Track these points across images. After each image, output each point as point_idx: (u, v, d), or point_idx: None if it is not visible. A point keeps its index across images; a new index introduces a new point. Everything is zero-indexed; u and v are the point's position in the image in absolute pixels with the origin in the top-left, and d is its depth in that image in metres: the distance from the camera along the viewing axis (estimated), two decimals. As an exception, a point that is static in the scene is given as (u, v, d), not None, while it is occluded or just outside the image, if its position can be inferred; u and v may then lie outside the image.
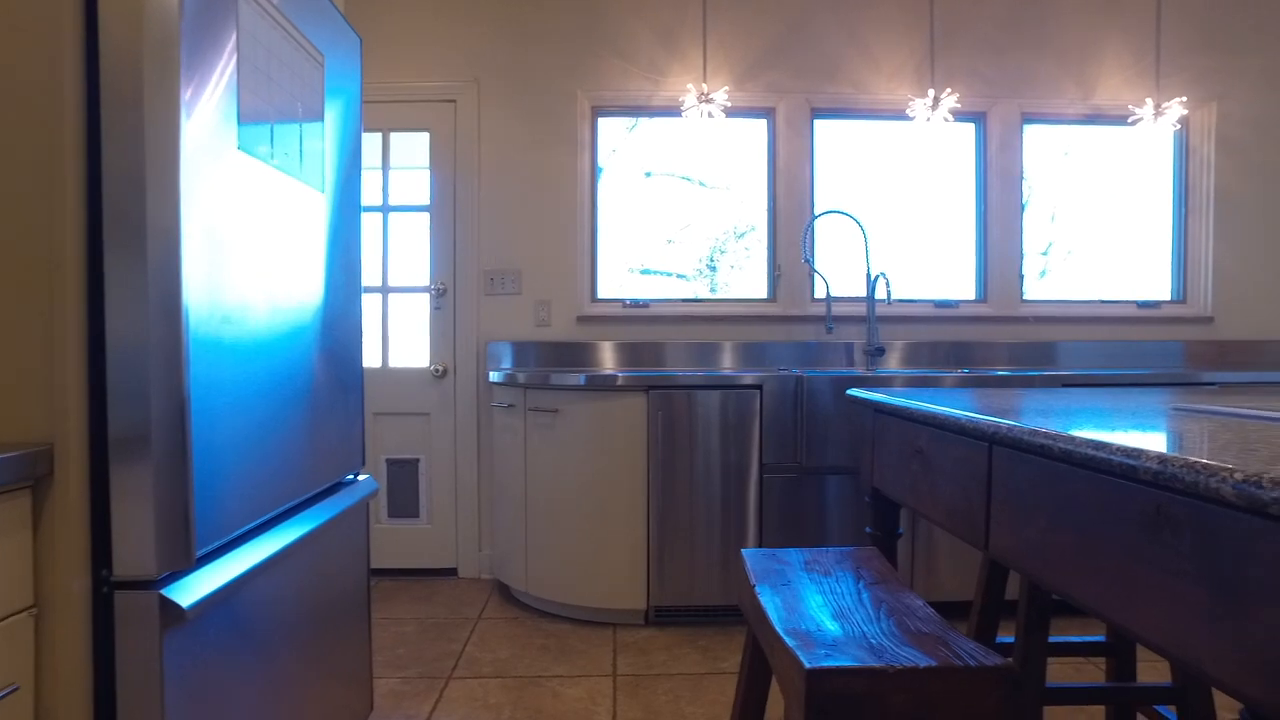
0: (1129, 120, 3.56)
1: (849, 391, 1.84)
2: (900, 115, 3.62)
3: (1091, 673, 2.54)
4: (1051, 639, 1.95)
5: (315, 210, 1.62)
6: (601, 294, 3.65)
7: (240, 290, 1.27)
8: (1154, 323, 3.70)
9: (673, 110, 3.56)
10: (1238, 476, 0.70)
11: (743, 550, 1.54)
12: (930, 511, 1.43)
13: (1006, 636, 1.93)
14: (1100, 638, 1.99)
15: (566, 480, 2.94)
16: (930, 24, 3.60)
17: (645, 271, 3.65)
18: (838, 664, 1.00)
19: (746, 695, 1.44)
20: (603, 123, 3.64)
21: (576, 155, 3.55)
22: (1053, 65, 3.66)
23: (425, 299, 3.56)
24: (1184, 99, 3.51)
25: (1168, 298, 3.79)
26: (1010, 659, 2.05)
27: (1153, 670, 2.49)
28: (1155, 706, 1.84)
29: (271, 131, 1.37)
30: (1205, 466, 0.74)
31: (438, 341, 3.54)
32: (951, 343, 3.60)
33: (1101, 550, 0.94)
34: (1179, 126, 3.75)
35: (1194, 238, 3.76)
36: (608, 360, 3.54)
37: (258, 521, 1.34)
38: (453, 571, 3.56)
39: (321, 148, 1.64)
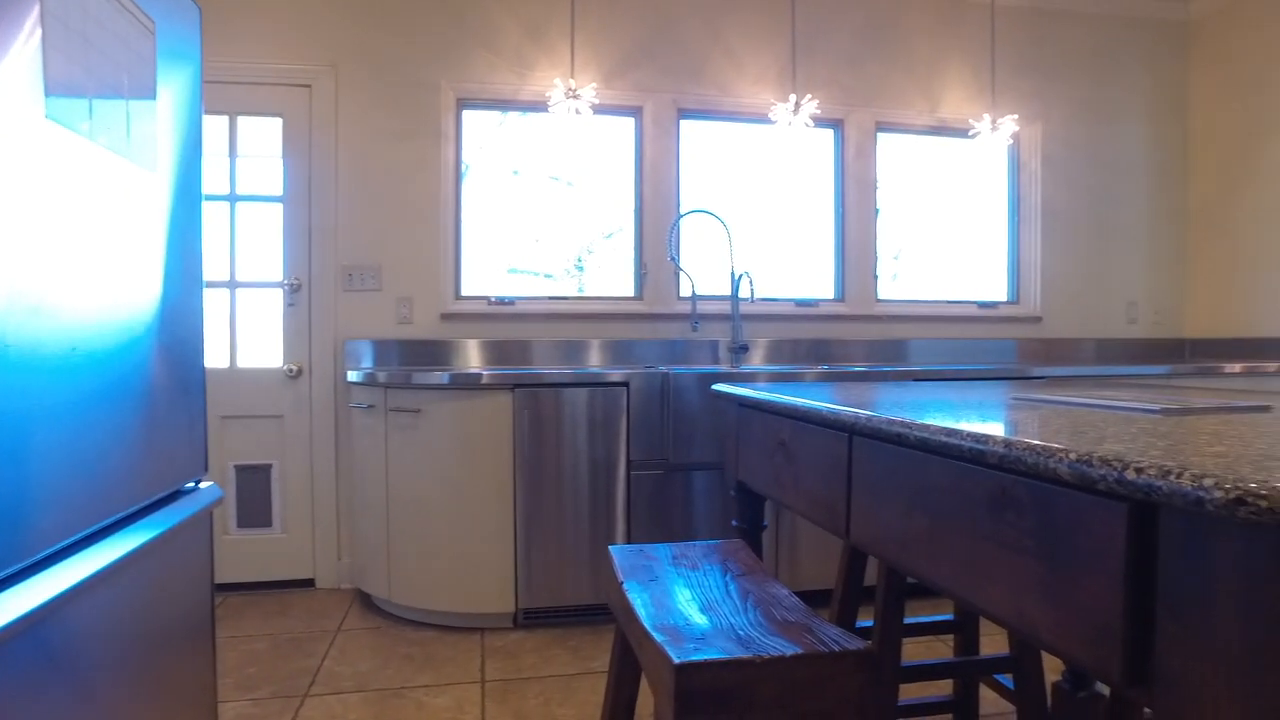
0: (970, 133, 3.81)
1: (714, 386, 1.86)
2: (763, 119, 3.73)
3: (941, 649, 2.70)
4: (906, 620, 2.06)
5: (148, 194, 1.47)
6: (466, 291, 3.55)
7: (51, 278, 1.14)
8: (992, 321, 3.98)
9: (540, 105, 3.52)
10: (1072, 457, 0.75)
11: (611, 547, 1.52)
12: (794, 502, 1.47)
13: (866, 620, 2.01)
14: (949, 616, 2.11)
15: (430, 482, 2.84)
16: (792, 32, 3.72)
17: (513, 270, 3.59)
18: (706, 657, 1.00)
19: (616, 694, 1.43)
20: (469, 116, 3.55)
21: (441, 148, 3.45)
22: (904, 78, 3.87)
23: (278, 295, 3.35)
24: (1015, 116, 3.80)
25: (1004, 299, 4.09)
26: (870, 642, 2.13)
27: (992, 643, 2.67)
28: (995, 675, 1.97)
29: (91, 104, 1.23)
30: (1044, 449, 0.79)
31: (292, 340, 3.34)
32: (812, 340, 3.74)
33: (953, 532, 0.99)
34: (1012, 142, 4.06)
35: (1025, 244, 4.08)
36: (473, 359, 3.45)
37: (72, 539, 1.20)
38: (309, 583, 3.37)
39: (153, 126, 1.49)
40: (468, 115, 3.55)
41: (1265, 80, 3.84)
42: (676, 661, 0.99)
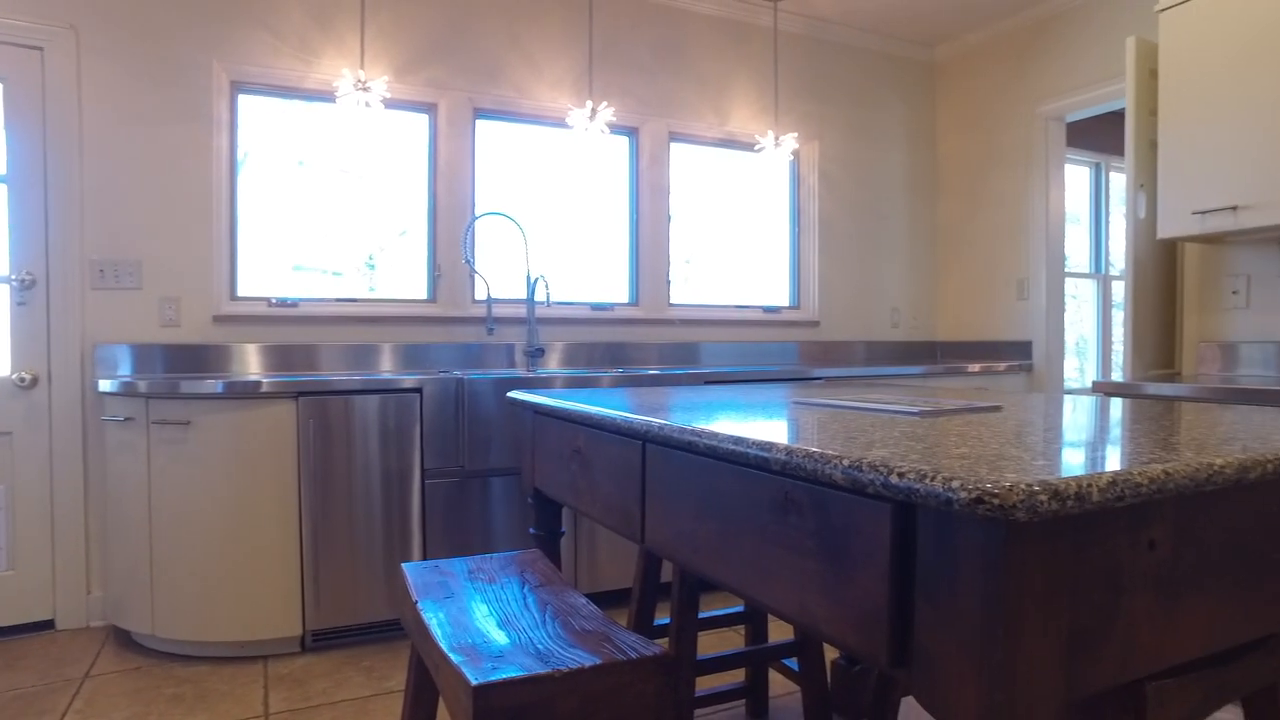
0: (755, 148, 4.05)
1: (509, 394, 1.84)
2: (560, 123, 3.74)
3: (734, 639, 2.84)
4: (701, 615, 2.14)
5: None
6: (244, 291, 3.27)
7: None
8: (776, 325, 4.26)
9: (326, 95, 3.31)
10: (845, 463, 0.81)
11: (404, 565, 1.46)
12: (590, 509, 1.48)
13: (665, 617, 2.07)
14: (740, 608, 2.22)
15: (203, 501, 2.58)
16: (589, 41, 3.77)
17: (299, 268, 3.35)
18: (505, 676, 0.98)
19: (413, 717, 1.37)
20: (246, 101, 3.26)
21: (213, 134, 3.14)
22: (695, 92, 4.04)
23: (3, 291, 2.90)
24: (796, 135, 4.09)
25: (786, 304, 4.39)
26: (666, 643, 2.20)
27: (780, 629, 2.85)
28: (783, 660, 2.11)
29: None
30: (821, 455, 0.85)
31: (24, 344, 2.91)
32: (608, 343, 3.81)
33: (742, 535, 1.04)
34: (793, 158, 4.37)
35: (804, 253, 4.40)
36: (252, 365, 3.18)
37: None
38: (48, 624, 2.95)
39: None
40: (245, 100, 3.26)
41: (994, 118, 4.40)
42: (474, 683, 0.96)
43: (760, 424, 1.15)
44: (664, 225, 3.98)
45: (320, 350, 3.28)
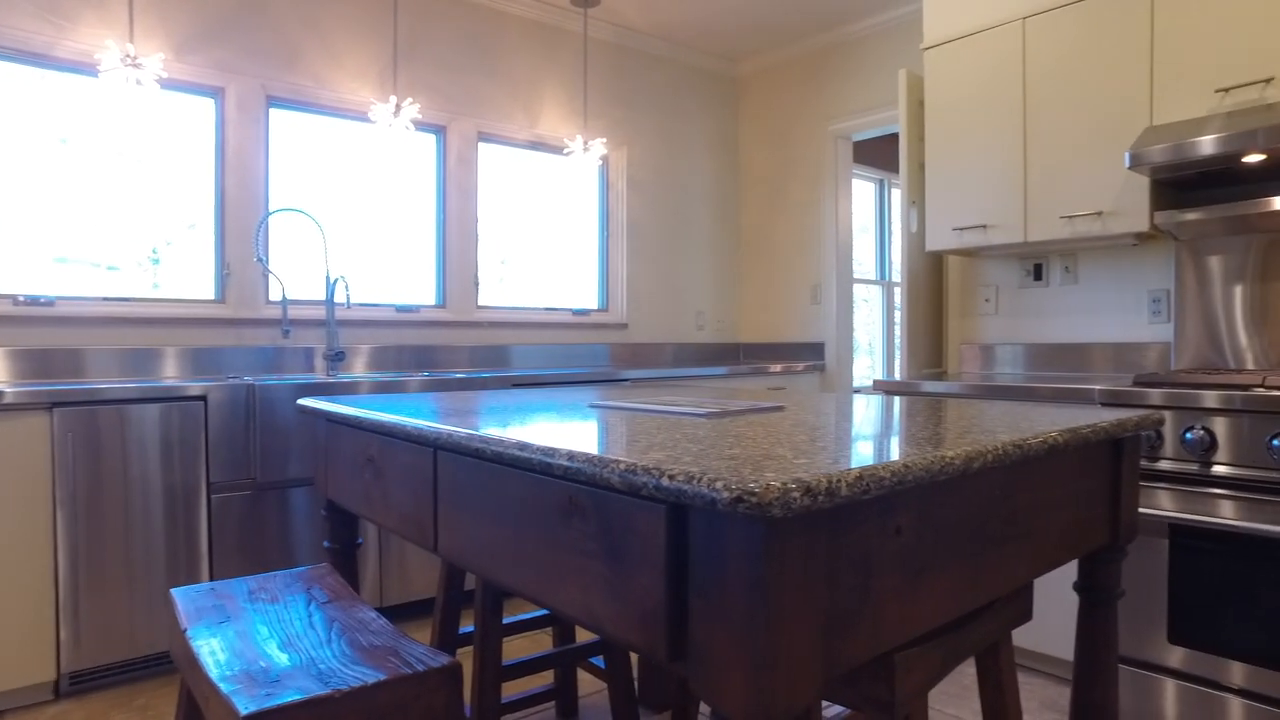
0: (565, 151, 4.08)
1: (299, 401, 1.74)
2: (363, 117, 3.58)
3: (545, 641, 2.84)
4: (509, 620, 2.13)
5: None
6: (-16, 288, 2.86)
7: None
8: (586, 328, 4.31)
9: (88, 68, 2.97)
10: (621, 466, 0.83)
11: (173, 590, 1.34)
12: (384, 519, 1.43)
13: (472, 625, 2.03)
14: (547, 611, 2.22)
15: (-74, 532, 2.23)
16: (394, 32, 3.63)
17: (61, 260, 2.97)
18: (279, 702, 0.92)
19: (181, 756, 1.26)
20: (-19, 70, 2.86)
21: (-62, 106, 2.72)
22: (505, 92, 4.00)
23: None
24: (605, 140, 4.16)
25: (596, 307, 4.45)
26: (457, 655, 2.16)
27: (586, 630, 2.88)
28: (591, 659, 2.13)
29: None
30: (600, 460, 0.87)
31: None
32: (415, 346, 3.69)
33: (532, 540, 1.04)
34: (602, 163, 4.43)
35: (613, 257, 4.48)
36: (-5, 372, 2.80)
37: None
38: None
39: None
40: (-20, 70, 2.85)
41: (790, 133, 4.71)
42: (244, 713, 0.90)
43: (552, 428, 1.16)
44: (472, 226, 3.92)
45: (87, 355, 2.93)
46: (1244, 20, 2.33)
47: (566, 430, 1.13)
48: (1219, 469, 2.04)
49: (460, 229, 3.87)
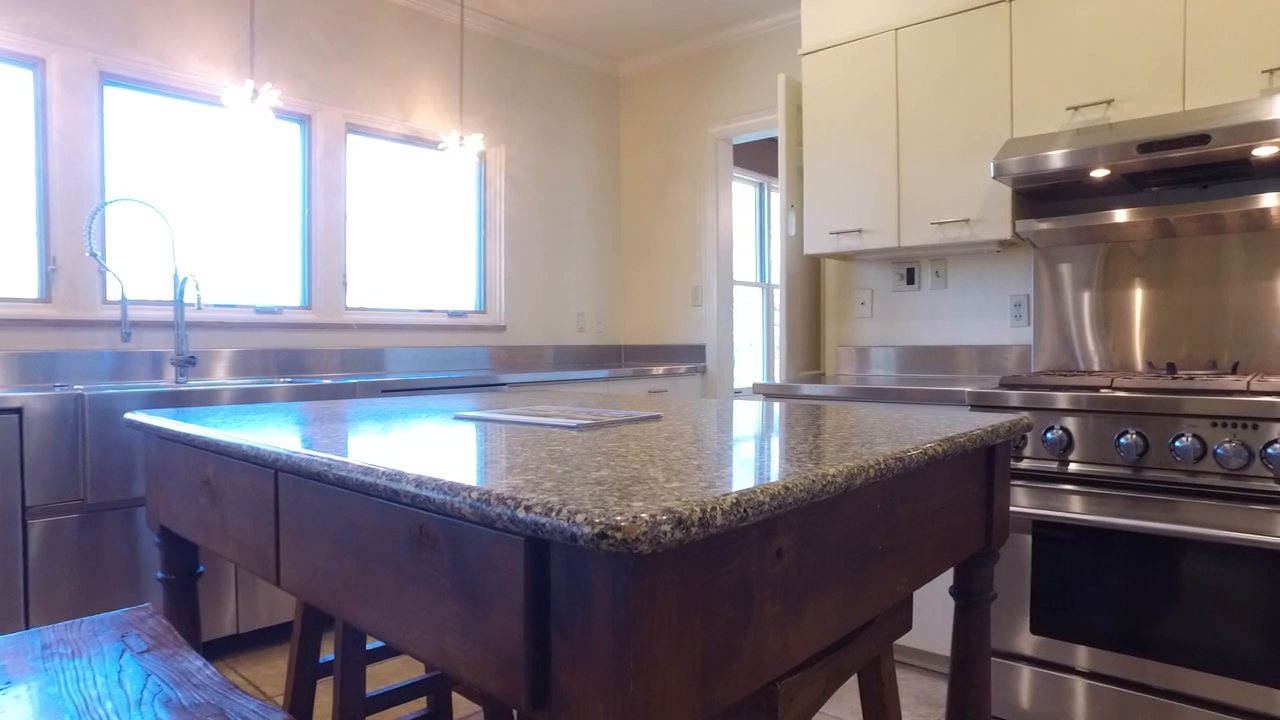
0: (440, 147, 3.90)
1: (126, 416, 1.54)
2: (216, 101, 3.30)
3: (419, 665, 2.68)
4: (373, 646, 1.97)
5: None
6: None
7: None
8: (462, 330, 4.14)
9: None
10: (474, 495, 0.74)
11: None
12: (223, 548, 1.27)
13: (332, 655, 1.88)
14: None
15: None
16: (251, 12, 3.37)
17: None
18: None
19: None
20: None
21: None
22: (376, 83, 3.79)
23: None
24: (482, 136, 4.01)
25: (473, 308, 4.30)
26: (318, 686, 1.99)
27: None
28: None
29: None
30: (450, 486, 0.77)
31: None
32: (280, 350, 3.44)
33: (379, 573, 0.93)
34: (479, 160, 4.28)
35: (491, 257, 4.34)
36: None
37: None
38: None
39: None
40: None
41: (672, 135, 4.69)
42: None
43: (408, 445, 1.04)
44: (341, 223, 3.69)
45: None
46: (1088, 45, 2.45)
47: (423, 448, 1.03)
48: (1075, 466, 2.13)
49: (328, 226, 3.64)
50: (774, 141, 5.23)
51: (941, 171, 2.75)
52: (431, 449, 1.02)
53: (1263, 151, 2.11)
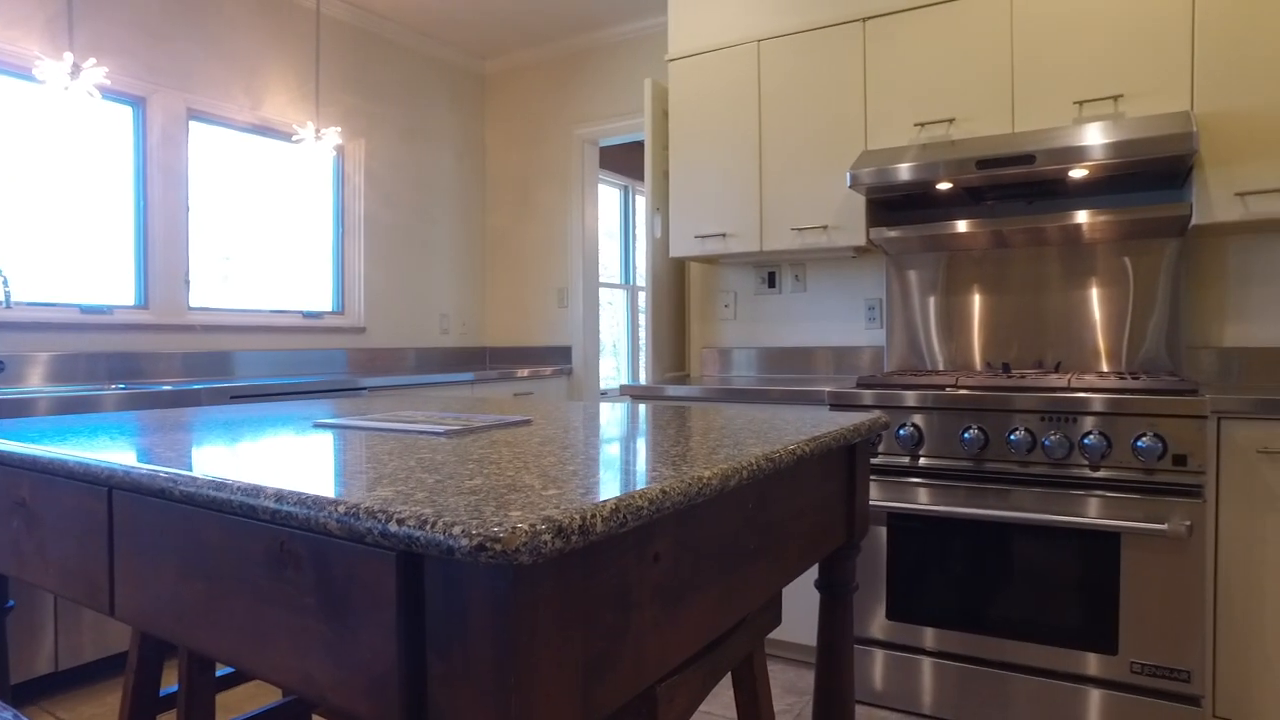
0: (294, 139, 3.69)
1: (-76, 430, 1.36)
2: (28, 74, 2.98)
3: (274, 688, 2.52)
4: (225, 671, 1.84)
5: None
6: None
7: None
8: (318, 332, 3.94)
9: None
10: (341, 510, 0.70)
11: None
12: (42, 578, 1.14)
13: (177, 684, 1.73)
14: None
15: None
16: (70, -19, 3.06)
17: None
18: None
19: None
20: None
21: None
22: (222, 67, 3.54)
23: None
24: (340, 130, 3.83)
25: (329, 309, 4.09)
26: None
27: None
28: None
29: None
30: (315, 500, 0.72)
31: None
32: (112, 354, 3.15)
33: (233, 596, 0.86)
34: (337, 154, 4.09)
35: (350, 256, 4.15)
36: None
37: None
38: None
39: None
40: None
41: (539, 135, 4.65)
42: None
43: (265, 457, 0.97)
44: (182, 216, 3.42)
45: None
46: (932, 67, 2.62)
47: (281, 459, 0.96)
48: (925, 461, 2.27)
49: (168, 219, 3.36)
50: (639, 144, 5.29)
51: (802, 179, 2.86)
52: (291, 460, 0.96)
53: (1077, 173, 2.33)
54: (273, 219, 3.83)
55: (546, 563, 0.67)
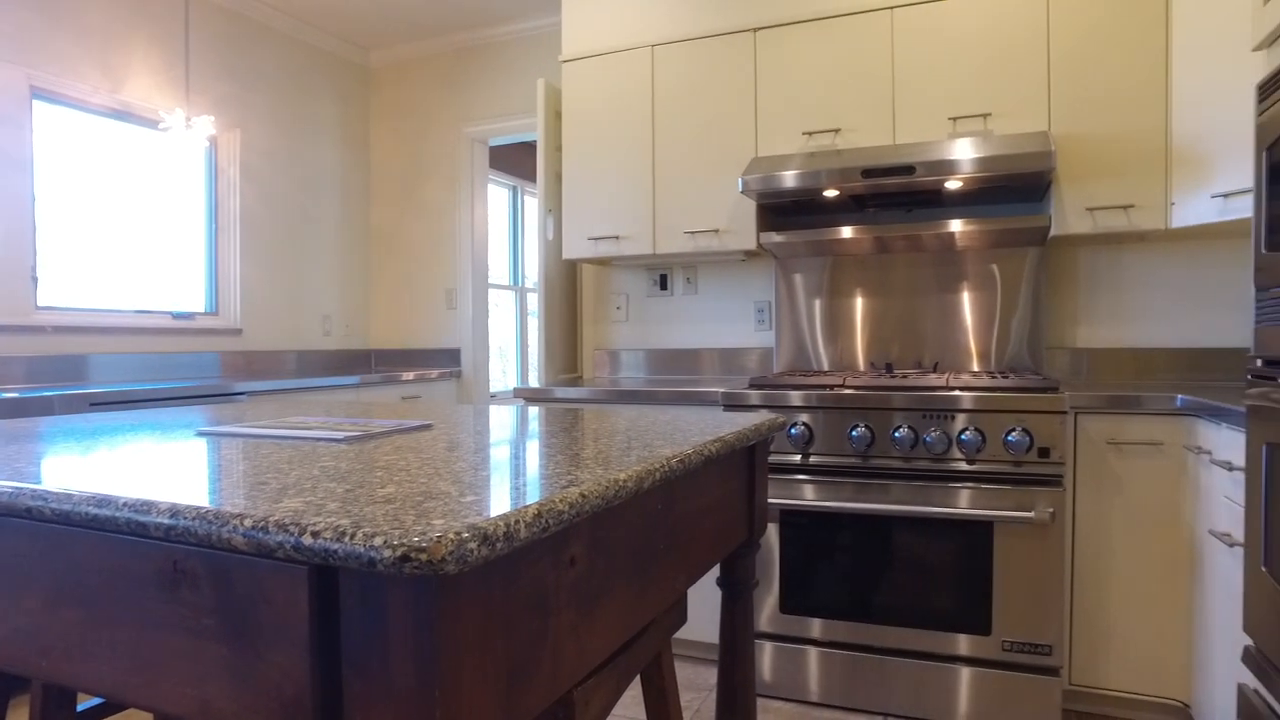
0: (160, 126, 3.45)
1: None
2: None
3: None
4: (89, 704, 1.69)
5: None
6: None
7: None
8: (189, 334, 3.70)
9: None
10: (247, 524, 0.66)
11: None
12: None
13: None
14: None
15: None
16: (-107, -57, 2.75)
17: None
18: None
19: None
20: None
21: None
22: (73, 42, 3.27)
23: None
24: (213, 119, 3.60)
25: (202, 309, 3.85)
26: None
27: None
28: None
29: None
30: (217, 516, 0.68)
31: None
32: (-57, 358, 2.85)
33: (117, 623, 0.80)
34: (209, 145, 3.85)
35: (224, 253, 3.92)
36: None
37: None
38: None
39: None
40: None
41: (425, 131, 4.54)
42: None
43: (146, 469, 0.91)
44: (27, 206, 3.13)
45: None
46: (819, 78, 2.73)
47: (167, 471, 0.90)
48: (815, 459, 2.36)
49: (9, 209, 3.07)
50: (529, 144, 5.24)
51: (694, 183, 2.91)
52: (177, 472, 0.89)
53: (952, 184, 2.48)
54: (139, 212, 3.57)
55: (471, 571, 0.66)
